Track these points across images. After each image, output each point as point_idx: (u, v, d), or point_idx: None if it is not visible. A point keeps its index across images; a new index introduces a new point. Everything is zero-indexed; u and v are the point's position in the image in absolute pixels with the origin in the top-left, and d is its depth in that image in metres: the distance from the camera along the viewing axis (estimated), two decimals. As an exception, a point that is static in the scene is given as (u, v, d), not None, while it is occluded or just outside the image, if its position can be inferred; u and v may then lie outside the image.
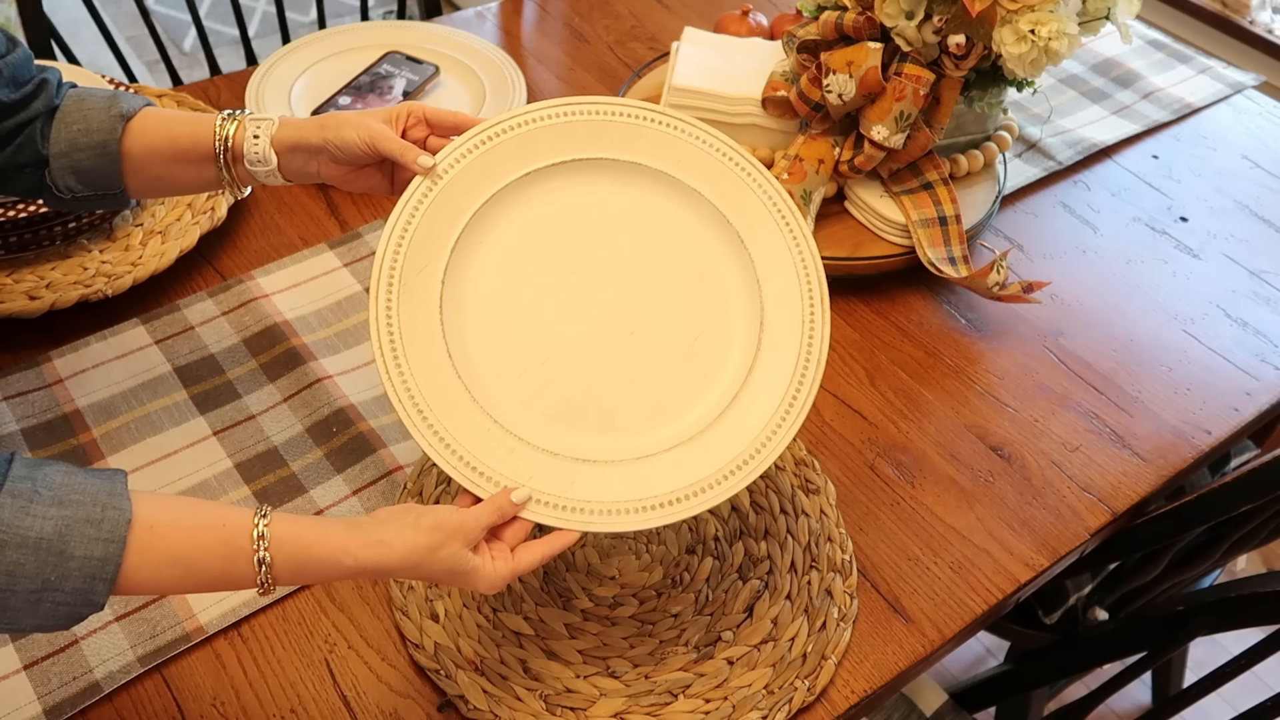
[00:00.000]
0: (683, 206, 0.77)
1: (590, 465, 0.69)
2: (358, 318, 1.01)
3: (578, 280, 0.75)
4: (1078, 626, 1.23)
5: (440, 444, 0.68)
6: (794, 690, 0.77)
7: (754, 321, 0.75)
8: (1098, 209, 1.23)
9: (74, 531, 0.56)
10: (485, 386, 0.71)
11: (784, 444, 0.71)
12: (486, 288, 0.73)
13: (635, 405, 0.72)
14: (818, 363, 0.73)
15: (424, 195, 0.73)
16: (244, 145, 0.77)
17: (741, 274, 0.76)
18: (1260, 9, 2.01)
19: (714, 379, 0.74)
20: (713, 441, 0.71)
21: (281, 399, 0.93)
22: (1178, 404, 1.01)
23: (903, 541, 0.88)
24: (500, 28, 1.42)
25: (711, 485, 0.70)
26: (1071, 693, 1.61)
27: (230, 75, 1.29)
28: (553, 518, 0.68)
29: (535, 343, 0.73)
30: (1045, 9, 0.94)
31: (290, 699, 0.75)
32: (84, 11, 1.35)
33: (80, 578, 0.56)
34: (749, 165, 0.78)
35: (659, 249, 0.76)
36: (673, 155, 0.77)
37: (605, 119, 0.77)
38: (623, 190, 0.77)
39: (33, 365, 0.93)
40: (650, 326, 0.74)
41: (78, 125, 0.77)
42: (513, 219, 0.75)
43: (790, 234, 0.77)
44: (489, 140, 0.75)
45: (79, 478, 0.58)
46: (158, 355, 0.96)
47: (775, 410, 0.72)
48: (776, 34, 1.32)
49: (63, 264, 0.99)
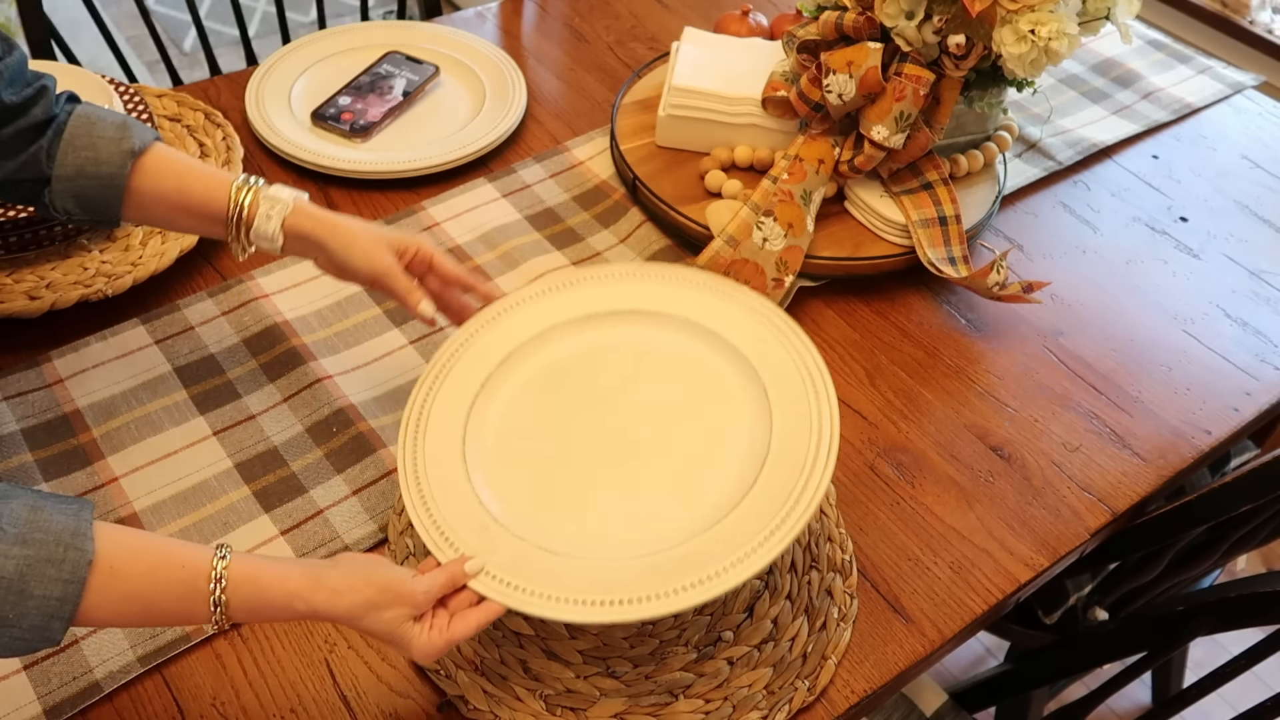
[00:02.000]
0: (712, 351, 0.83)
1: (553, 555, 0.71)
2: (358, 318, 1.01)
3: (592, 401, 0.81)
4: (1078, 626, 1.23)
5: (423, 505, 0.74)
6: (794, 690, 0.77)
7: (755, 461, 0.75)
8: (1098, 209, 1.23)
9: (34, 571, 0.57)
10: (482, 471, 0.76)
11: (751, 571, 0.68)
12: (510, 398, 0.82)
13: (618, 517, 0.75)
14: (806, 508, 0.70)
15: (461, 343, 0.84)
16: (255, 218, 0.81)
17: (755, 417, 0.78)
18: (1260, 9, 2.01)
19: (696, 504, 0.74)
20: (681, 557, 0.70)
21: (281, 399, 0.93)
22: (1178, 404, 1.01)
23: (903, 541, 0.88)
24: (500, 28, 1.42)
25: (667, 594, 0.68)
26: (1071, 693, 1.61)
27: (230, 75, 1.29)
28: (500, 594, 0.69)
29: (539, 447, 0.79)
30: (1045, 9, 0.94)
31: (290, 699, 0.75)
32: (84, 11, 1.35)
33: (38, 615, 0.57)
34: (744, 294, 0.85)
35: (672, 383, 0.82)
36: (681, 302, 0.85)
37: (609, 281, 0.87)
38: (637, 330, 0.85)
39: (33, 365, 0.93)
40: (650, 452, 0.78)
41: (86, 153, 0.77)
42: (543, 355, 0.84)
43: (804, 370, 0.79)
44: (514, 306, 0.86)
45: (45, 513, 0.58)
46: (158, 355, 0.96)
47: (756, 534, 0.70)
48: (776, 34, 1.32)
49: (63, 264, 0.99)
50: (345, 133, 1.18)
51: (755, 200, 1.05)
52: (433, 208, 1.13)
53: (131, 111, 1.08)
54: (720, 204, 1.08)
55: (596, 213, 1.15)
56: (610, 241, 1.11)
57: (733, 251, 1.03)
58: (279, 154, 1.16)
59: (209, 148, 1.14)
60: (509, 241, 1.10)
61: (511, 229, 1.11)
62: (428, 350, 0.98)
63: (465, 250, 1.09)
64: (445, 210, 1.13)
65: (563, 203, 1.15)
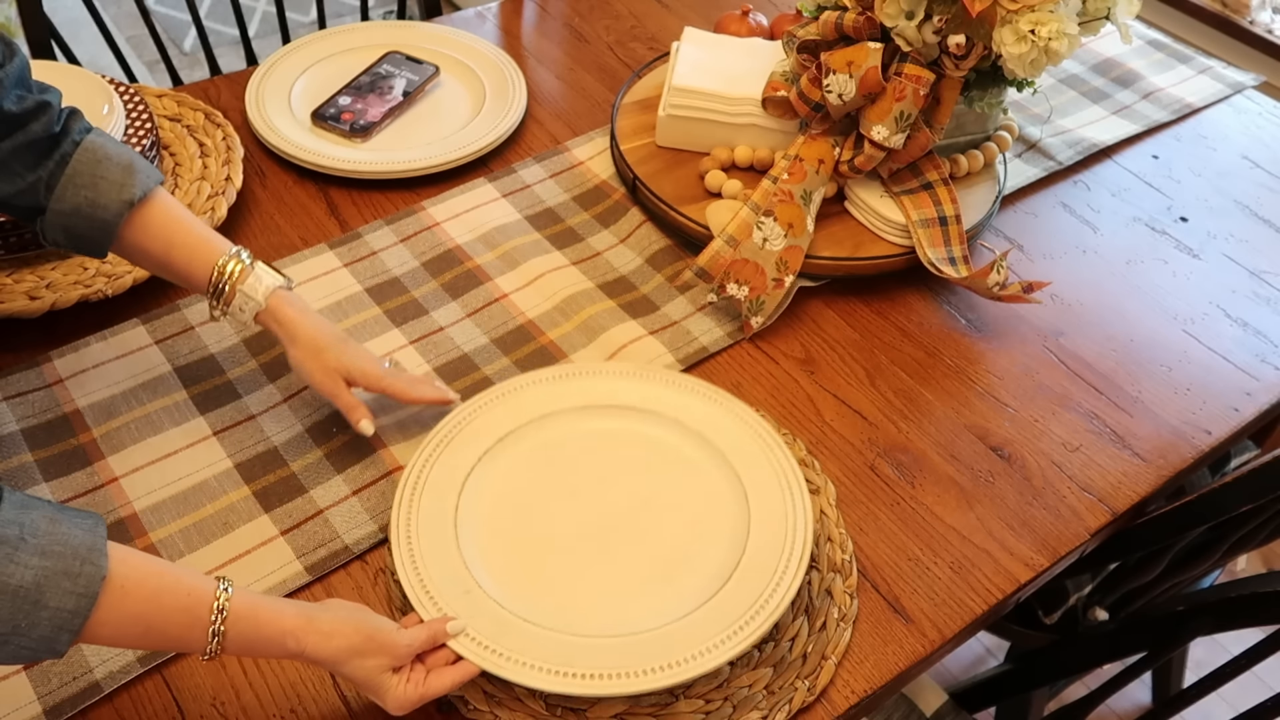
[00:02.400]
0: (700, 453, 0.88)
1: (530, 625, 0.75)
2: (357, 318, 1.01)
3: (582, 485, 0.85)
4: (1078, 626, 1.23)
5: (411, 565, 0.77)
6: (794, 690, 0.77)
7: (729, 562, 0.80)
8: (1098, 209, 1.23)
9: (51, 583, 0.58)
10: (472, 539, 0.80)
11: (709, 665, 0.73)
12: (506, 472, 0.86)
13: (596, 596, 0.78)
14: (776, 607, 0.76)
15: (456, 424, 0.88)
16: (233, 302, 0.84)
17: (733, 521, 0.83)
18: (1260, 9, 2.01)
19: (670, 594, 0.78)
20: (648, 643, 0.74)
21: (281, 399, 0.93)
22: (1178, 404, 1.01)
23: (903, 541, 0.88)
24: (500, 28, 1.42)
25: (634, 674, 0.72)
26: (1071, 693, 1.60)
27: (230, 75, 1.29)
28: (477, 656, 0.72)
29: (528, 522, 0.83)
30: (1045, 9, 0.94)
31: (290, 699, 0.75)
32: (84, 11, 1.35)
33: (49, 627, 0.58)
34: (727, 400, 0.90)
35: (660, 478, 0.86)
36: (669, 402, 0.90)
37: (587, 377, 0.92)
38: (633, 425, 0.89)
39: (33, 365, 0.93)
40: (633, 538, 0.82)
41: (87, 193, 0.78)
42: (542, 435, 0.88)
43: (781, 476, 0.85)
44: (521, 388, 0.90)
45: (63, 526, 0.60)
46: (158, 355, 0.96)
47: (724, 629, 0.75)
48: (776, 34, 1.32)
49: (63, 264, 0.99)
50: (345, 133, 1.18)
51: (755, 200, 1.05)
52: (433, 208, 1.13)
53: (131, 111, 1.08)
54: (720, 204, 1.08)
55: (597, 213, 1.15)
56: (610, 241, 1.11)
57: (733, 251, 1.03)
58: (279, 154, 1.16)
59: (209, 148, 1.14)
60: (509, 241, 1.10)
61: (511, 229, 1.11)
62: (428, 350, 0.98)
63: (465, 250, 1.09)
64: (445, 210, 1.13)
65: (563, 203, 1.15)
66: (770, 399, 0.98)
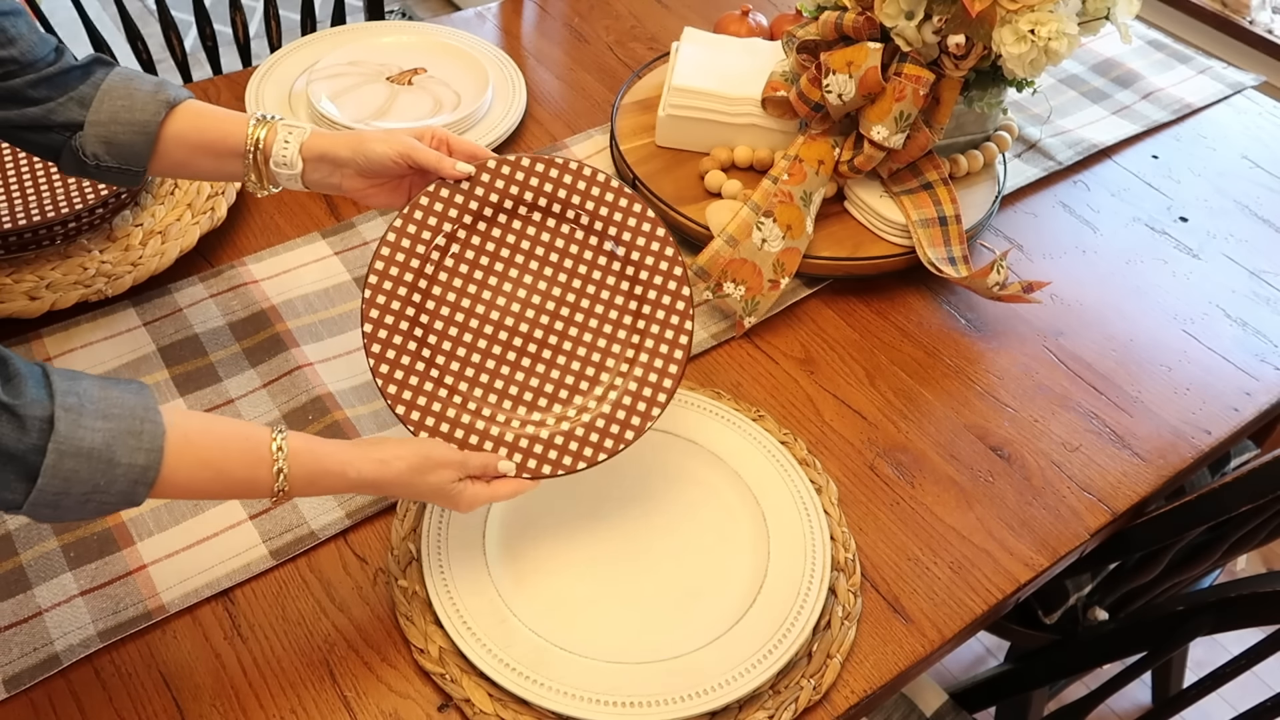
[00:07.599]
0: (724, 481, 0.89)
1: (565, 653, 0.76)
2: (345, 306, 1.01)
3: (607, 511, 0.86)
4: (1078, 626, 1.23)
5: (446, 595, 0.78)
6: (800, 689, 0.77)
7: (757, 576, 0.82)
8: (1098, 209, 1.23)
9: (119, 443, 0.62)
10: (504, 574, 0.81)
11: (747, 688, 0.75)
12: (531, 499, 0.86)
13: (625, 623, 0.79)
14: (798, 635, 0.77)
15: None
16: (273, 147, 0.81)
17: (754, 545, 0.85)
18: (1260, 9, 2.01)
19: (694, 620, 0.80)
20: (686, 668, 0.76)
21: (261, 384, 0.94)
22: (1178, 404, 1.01)
23: (903, 541, 0.88)
24: (500, 28, 1.42)
25: (676, 699, 0.74)
26: (1071, 693, 1.60)
27: (230, 75, 1.29)
28: (519, 687, 0.74)
29: (555, 550, 0.84)
30: (1045, 9, 0.94)
31: (290, 699, 0.75)
32: (83, 11, 1.35)
33: (125, 482, 0.62)
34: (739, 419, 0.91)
35: (685, 506, 0.87)
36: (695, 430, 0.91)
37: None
38: (661, 453, 0.90)
39: (22, 342, 0.94)
40: (657, 565, 0.83)
41: (122, 101, 0.80)
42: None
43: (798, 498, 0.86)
44: None
45: (114, 391, 0.63)
46: (144, 336, 0.97)
47: (745, 660, 0.76)
48: (776, 34, 1.32)
49: (63, 264, 0.99)
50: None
51: (755, 200, 1.05)
52: (433, 208, 1.13)
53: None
54: (720, 204, 1.08)
55: (596, 213, 1.14)
56: (610, 241, 1.11)
57: (732, 251, 1.03)
58: (279, 154, 1.15)
59: (209, 148, 1.14)
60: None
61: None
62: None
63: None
64: (445, 210, 1.13)
65: (563, 203, 1.15)
66: (770, 399, 0.98)
